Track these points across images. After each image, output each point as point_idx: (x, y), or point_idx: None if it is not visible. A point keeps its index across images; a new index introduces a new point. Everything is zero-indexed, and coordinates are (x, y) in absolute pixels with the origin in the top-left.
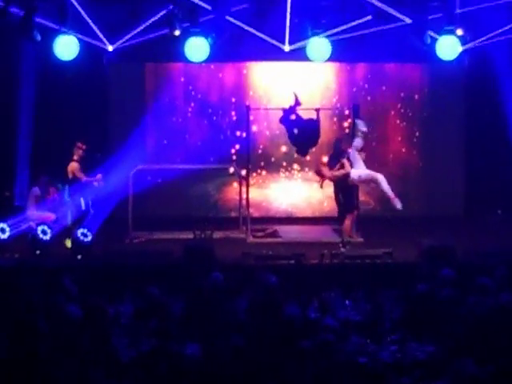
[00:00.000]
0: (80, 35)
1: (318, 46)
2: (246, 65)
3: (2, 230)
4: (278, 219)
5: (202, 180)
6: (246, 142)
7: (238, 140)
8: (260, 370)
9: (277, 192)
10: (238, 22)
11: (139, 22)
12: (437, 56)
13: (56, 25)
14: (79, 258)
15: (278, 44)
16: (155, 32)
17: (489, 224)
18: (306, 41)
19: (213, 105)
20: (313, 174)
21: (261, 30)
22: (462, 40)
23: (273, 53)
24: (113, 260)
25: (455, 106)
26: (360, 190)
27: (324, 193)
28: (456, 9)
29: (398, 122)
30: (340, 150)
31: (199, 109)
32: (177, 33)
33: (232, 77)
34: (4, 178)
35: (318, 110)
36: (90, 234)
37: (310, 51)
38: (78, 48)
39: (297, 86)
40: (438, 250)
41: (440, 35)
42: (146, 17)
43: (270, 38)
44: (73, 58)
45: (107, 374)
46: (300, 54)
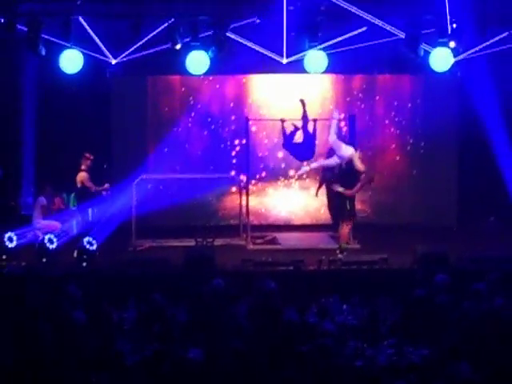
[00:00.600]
0: (84, 49)
1: (315, 58)
2: (244, 77)
3: (10, 239)
4: (277, 227)
5: (203, 189)
6: (245, 151)
7: (237, 149)
8: (260, 374)
9: (275, 200)
10: (237, 37)
11: (142, 36)
12: (430, 67)
13: (60, 39)
14: (84, 265)
15: (276, 57)
16: (157, 46)
17: (482, 231)
18: (303, 53)
19: (213, 115)
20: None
21: (259, 44)
22: (455, 52)
23: (271, 65)
24: (117, 267)
25: (448, 116)
26: (357, 199)
27: (321, 201)
28: (448, 22)
29: (392, 131)
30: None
31: (199, 119)
32: (178, 47)
33: (231, 88)
34: (10, 187)
35: (315, 121)
36: (96, 242)
37: (307, 64)
38: (82, 62)
39: (294, 97)
40: (432, 257)
41: (433, 47)
42: (148, 31)
43: (268, 51)
44: (77, 71)
45: (111, 378)
46: (297, 66)
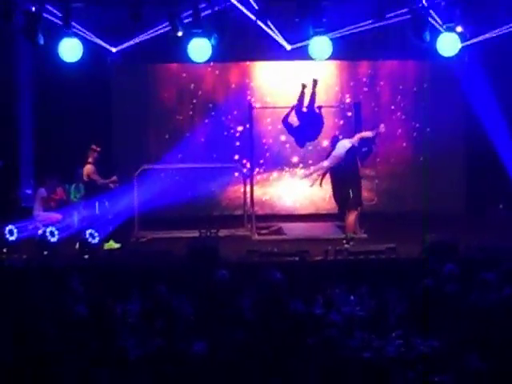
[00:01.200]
0: (84, 36)
1: (320, 44)
2: (248, 64)
3: (10, 232)
4: (282, 217)
5: (206, 179)
6: (249, 139)
7: (240, 138)
8: (266, 366)
9: (280, 189)
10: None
11: (142, 24)
12: (436, 53)
13: (60, 27)
14: (86, 257)
15: (281, 43)
16: (158, 33)
17: (491, 219)
18: (307, 40)
19: (215, 103)
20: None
21: (263, 30)
22: (462, 37)
23: (275, 52)
24: (119, 259)
25: (455, 102)
26: (363, 187)
27: (326, 190)
28: (456, 6)
29: (398, 117)
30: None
31: (202, 107)
32: (179, 34)
33: (234, 75)
34: (9, 179)
35: (320, 108)
36: (98, 235)
37: (311, 50)
38: (82, 50)
39: (299, 83)
40: (440, 246)
41: (440, 32)
42: (149, 18)
43: (272, 37)
44: (77, 59)
45: (114, 372)
46: (302, 53)
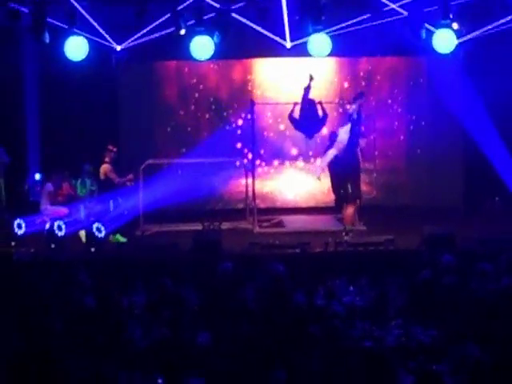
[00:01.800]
0: (89, 35)
1: (319, 42)
2: (249, 61)
3: (19, 226)
4: (283, 210)
5: (209, 173)
6: (250, 134)
7: (242, 133)
8: (269, 356)
9: (281, 183)
10: (242, 19)
11: (146, 22)
12: (432, 49)
13: (65, 26)
14: (93, 250)
15: (281, 41)
16: (162, 31)
17: (487, 211)
18: (307, 37)
19: (218, 99)
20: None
21: (263, 28)
22: (458, 33)
23: (275, 49)
24: (125, 252)
25: (452, 97)
26: (362, 180)
27: (326, 183)
28: (451, 3)
29: (395, 110)
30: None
31: (205, 103)
32: (182, 32)
33: (236, 72)
34: (17, 174)
35: (320, 104)
36: (105, 229)
37: (311, 47)
38: (88, 48)
39: (299, 80)
40: (438, 237)
41: (436, 29)
42: (152, 16)
43: (272, 35)
44: (82, 58)
45: (121, 362)
46: (302, 50)
